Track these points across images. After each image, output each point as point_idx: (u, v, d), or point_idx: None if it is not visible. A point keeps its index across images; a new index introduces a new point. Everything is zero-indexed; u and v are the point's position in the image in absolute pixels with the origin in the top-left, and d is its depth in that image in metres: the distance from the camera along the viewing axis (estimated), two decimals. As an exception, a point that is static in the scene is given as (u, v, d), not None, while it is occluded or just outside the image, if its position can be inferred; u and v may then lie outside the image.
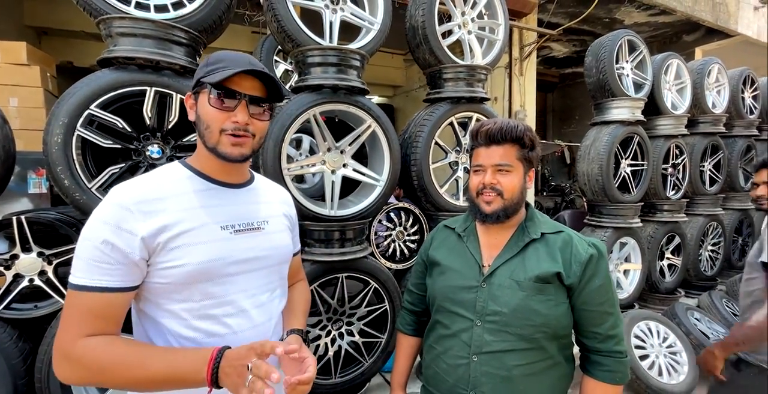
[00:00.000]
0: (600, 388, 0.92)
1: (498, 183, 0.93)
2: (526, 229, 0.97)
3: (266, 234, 0.86)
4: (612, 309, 0.92)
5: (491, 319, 0.91)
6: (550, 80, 8.29)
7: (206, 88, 0.76)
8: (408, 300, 1.19)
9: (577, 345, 0.99)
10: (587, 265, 0.90)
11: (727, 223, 3.88)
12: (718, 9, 5.36)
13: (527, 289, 0.90)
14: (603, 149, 2.91)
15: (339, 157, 1.95)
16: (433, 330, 1.03)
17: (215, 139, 0.77)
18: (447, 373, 0.95)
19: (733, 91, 3.81)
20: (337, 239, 1.92)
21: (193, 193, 0.79)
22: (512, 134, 0.93)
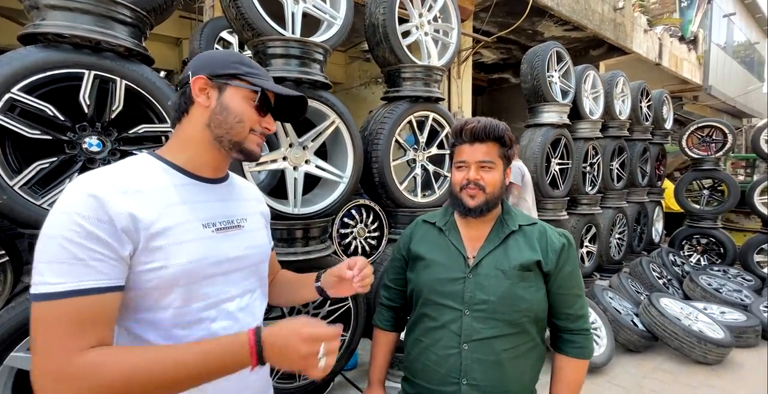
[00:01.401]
0: (572, 363, 1.02)
1: (481, 179, 0.98)
2: (504, 222, 1.04)
3: (246, 232, 0.83)
4: (581, 292, 1.03)
5: (479, 307, 0.96)
6: (480, 84, 8.84)
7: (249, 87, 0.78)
8: (385, 296, 1.19)
9: (549, 327, 1.08)
10: (561, 253, 0.99)
11: (630, 214, 4.52)
12: (618, 29, 6.19)
13: (512, 277, 0.96)
14: (537, 149, 3.21)
15: (302, 154, 1.89)
16: (420, 323, 1.05)
17: (244, 135, 0.78)
18: (437, 364, 0.98)
19: (633, 100, 4.45)
20: (300, 237, 1.87)
21: (173, 188, 0.73)
22: (495, 133, 0.98)
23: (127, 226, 0.64)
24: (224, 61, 0.78)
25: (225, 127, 0.75)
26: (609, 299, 3.32)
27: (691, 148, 5.20)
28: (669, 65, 7.67)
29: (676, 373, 2.69)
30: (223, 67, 0.77)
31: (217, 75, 0.76)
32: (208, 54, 0.81)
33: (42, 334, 0.58)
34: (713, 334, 2.84)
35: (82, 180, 0.65)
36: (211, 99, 0.76)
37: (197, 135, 0.76)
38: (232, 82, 0.76)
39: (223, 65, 0.77)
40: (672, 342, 2.80)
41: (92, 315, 0.60)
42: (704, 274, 4.08)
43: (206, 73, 0.76)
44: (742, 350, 3.00)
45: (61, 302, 0.58)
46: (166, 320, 0.69)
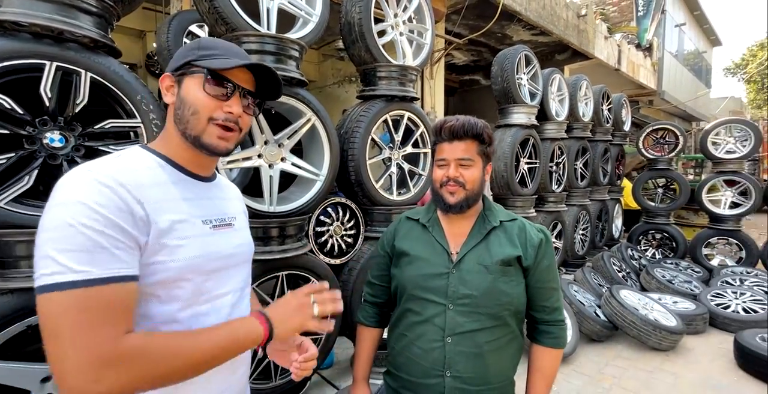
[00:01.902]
0: (548, 353, 1.07)
1: (461, 176, 1.01)
2: (486, 218, 1.07)
3: (237, 230, 0.84)
4: (557, 285, 1.08)
5: (462, 302, 0.99)
6: (452, 85, 9.00)
7: (199, 72, 0.71)
8: (370, 292, 1.20)
9: (527, 319, 1.12)
10: (539, 248, 1.03)
11: (593, 211, 4.76)
12: (581, 35, 6.49)
13: (494, 272, 0.99)
14: (507, 149, 3.32)
15: (277, 151, 1.88)
16: (404, 318, 1.07)
17: (201, 127, 0.72)
18: (421, 357, 1.00)
19: (596, 103, 4.68)
20: (277, 236, 1.85)
21: (171, 184, 0.72)
22: (473, 131, 1.01)
23: (143, 217, 0.63)
24: (184, 52, 0.74)
25: (183, 122, 0.72)
26: (574, 292, 3.48)
27: (647, 149, 5.54)
28: (627, 71, 8.12)
29: (634, 359, 2.87)
30: (182, 58, 0.73)
31: (177, 68, 0.73)
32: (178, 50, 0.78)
33: (71, 323, 0.55)
34: (667, 322, 3.05)
35: (89, 170, 0.63)
36: (174, 95, 0.74)
37: (172, 133, 0.75)
38: (187, 70, 0.72)
39: (183, 56, 0.73)
40: (630, 331, 2.98)
41: (122, 302, 0.59)
42: (659, 267, 4.37)
43: (170, 70, 0.74)
44: (692, 336, 3.24)
45: (91, 290, 0.56)
46: (166, 316, 0.69)
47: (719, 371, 2.70)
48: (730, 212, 4.80)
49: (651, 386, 2.51)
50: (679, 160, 9.69)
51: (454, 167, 1.02)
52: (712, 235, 4.86)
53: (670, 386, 2.51)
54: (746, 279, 4.04)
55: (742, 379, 2.59)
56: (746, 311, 3.41)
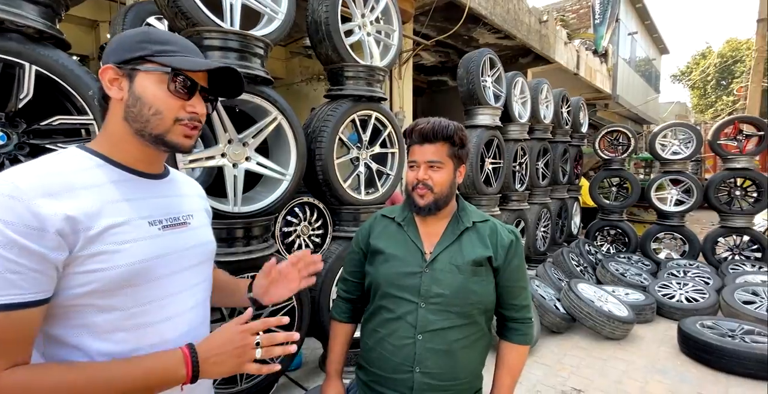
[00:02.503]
0: (515, 349, 1.11)
1: (429, 178, 1.03)
2: (459, 219, 1.10)
3: (193, 229, 0.81)
4: (525, 284, 1.13)
5: (434, 300, 1.01)
6: (420, 86, 9.11)
7: (158, 70, 0.69)
8: (343, 289, 1.21)
9: (496, 316, 1.16)
10: (509, 248, 1.07)
11: (553, 209, 4.99)
12: (543, 40, 6.77)
13: (465, 272, 1.02)
14: (473, 149, 3.41)
15: (242, 150, 1.84)
16: (377, 315, 1.08)
17: (165, 127, 0.70)
18: (392, 353, 1.02)
19: (556, 106, 4.90)
20: (241, 237, 1.81)
21: (111, 185, 0.68)
22: (443, 133, 1.03)
23: (63, 229, 0.59)
24: (130, 43, 0.69)
25: (142, 121, 0.69)
26: (536, 287, 3.64)
27: (603, 150, 5.86)
28: (585, 75, 8.55)
29: (590, 349, 3.04)
30: (129, 51, 0.69)
31: (125, 61, 0.69)
32: (118, 37, 0.71)
33: None
34: (620, 313, 3.25)
35: (1, 180, 0.58)
36: (123, 90, 0.69)
37: (120, 130, 0.71)
38: (141, 66, 0.68)
39: (130, 48, 0.69)
40: (587, 322, 3.16)
41: (12, 332, 0.55)
42: (613, 261, 4.64)
43: (114, 61, 0.69)
44: (642, 325, 3.47)
45: None
46: (108, 325, 0.65)
47: (665, 356, 2.91)
48: (675, 208, 5.17)
49: (605, 373, 2.68)
50: (631, 161, 10.33)
51: (423, 170, 1.04)
52: (660, 230, 5.23)
53: (622, 372, 2.68)
54: (689, 271, 4.38)
55: (685, 363, 2.81)
56: (689, 300, 3.70)
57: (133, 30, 0.72)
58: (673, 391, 2.45)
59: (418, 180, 1.04)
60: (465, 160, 1.09)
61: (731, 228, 4.84)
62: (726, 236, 4.92)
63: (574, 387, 2.50)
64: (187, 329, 0.76)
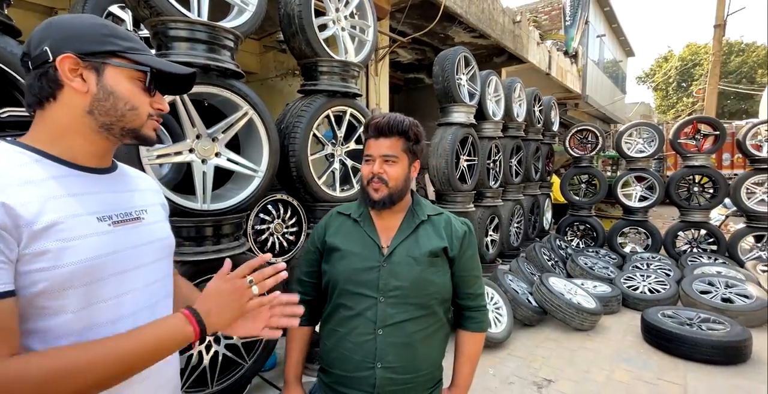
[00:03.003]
0: (472, 337, 1.15)
1: (384, 172, 1.04)
2: (415, 212, 1.11)
3: (147, 225, 0.78)
4: (479, 273, 1.16)
5: (393, 294, 1.02)
6: (397, 83, 9.11)
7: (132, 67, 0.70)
8: (299, 290, 1.18)
9: (453, 307, 1.19)
10: (463, 239, 1.10)
11: (526, 205, 5.11)
12: (516, 40, 6.90)
13: (422, 263, 1.04)
14: (448, 146, 3.45)
15: (211, 146, 1.78)
16: (335, 314, 1.07)
17: (141, 122, 0.72)
18: (353, 351, 1.01)
19: (528, 105, 5.02)
20: (211, 235, 1.76)
21: (53, 180, 0.64)
22: (398, 128, 1.04)
23: (5, 223, 0.56)
24: (94, 35, 0.67)
25: (114, 115, 0.68)
26: (509, 282, 3.72)
27: (573, 148, 6.06)
28: (556, 75, 8.80)
29: (561, 340, 3.15)
30: (96, 43, 0.67)
31: (91, 53, 0.66)
32: (65, 22, 0.67)
33: None
34: (588, 305, 3.37)
35: None
36: (88, 83, 0.66)
37: (74, 123, 0.67)
38: (111, 60, 0.67)
39: (95, 40, 0.67)
40: (557, 314, 3.26)
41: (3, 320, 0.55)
42: (582, 255, 4.81)
43: (74, 51, 0.65)
44: (609, 315, 3.62)
45: None
46: (59, 328, 0.62)
47: (629, 345, 3.05)
48: (640, 204, 5.42)
49: (574, 362, 2.77)
50: (599, 159, 10.73)
51: (379, 164, 1.04)
52: (625, 225, 5.46)
53: (590, 361, 2.79)
54: (652, 263, 4.60)
55: (648, 351, 2.95)
56: (651, 292, 3.89)
57: (87, 19, 0.68)
58: (637, 378, 2.57)
59: (373, 174, 1.04)
60: (419, 156, 1.10)
61: (690, 222, 5.12)
62: (685, 230, 5.19)
63: (545, 377, 2.58)
64: None
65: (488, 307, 3.16)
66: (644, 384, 2.49)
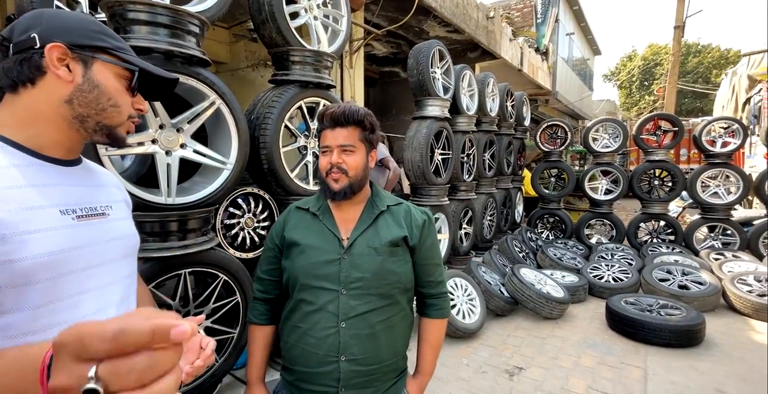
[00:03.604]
0: (434, 324, 1.16)
1: (343, 162, 1.02)
2: (374, 203, 1.11)
3: (112, 221, 0.75)
4: (439, 261, 1.17)
5: (355, 285, 1.01)
6: (372, 76, 9.04)
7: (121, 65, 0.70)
8: (260, 289, 1.16)
9: (415, 295, 1.19)
10: (423, 228, 1.11)
11: (498, 199, 5.22)
12: (489, 36, 6.98)
13: (383, 253, 1.03)
14: (423, 140, 3.45)
15: (175, 137, 1.69)
16: (296, 310, 1.05)
17: (120, 120, 0.71)
18: (316, 346, 1.00)
19: (501, 100, 5.10)
20: (176, 230, 1.68)
21: (14, 169, 0.61)
22: (354, 117, 1.03)
23: None
24: (84, 29, 0.68)
25: (95, 108, 0.68)
26: (482, 273, 3.80)
27: (543, 142, 6.22)
28: (528, 72, 8.98)
29: (531, 329, 3.25)
30: (86, 37, 0.68)
31: (80, 45, 0.67)
32: (56, 15, 0.67)
33: None
34: (557, 294, 3.49)
35: None
36: (74, 73, 0.66)
37: (48, 111, 0.65)
38: (100, 56, 0.68)
39: (87, 35, 0.68)
40: (528, 304, 3.36)
41: None
42: (551, 246, 4.97)
43: (64, 41, 0.65)
44: (576, 304, 3.77)
45: None
46: (14, 329, 0.57)
47: (595, 332, 3.19)
48: (605, 197, 5.65)
49: (544, 350, 2.87)
50: (568, 153, 11.10)
51: (337, 154, 1.02)
52: (592, 217, 5.68)
53: (559, 349, 2.90)
54: (616, 253, 4.81)
55: (612, 337, 3.09)
56: (615, 280, 4.07)
57: (79, 15, 0.71)
58: (602, 362, 2.69)
59: (332, 164, 1.02)
60: (375, 145, 1.10)
61: (650, 214, 5.38)
62: (646, 221, 5.46)
63: (516, 365, 2.66)
64: None
65: (462, 298, 3.27)
66: (608, 368, 2.61)
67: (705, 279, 3.74)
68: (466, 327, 3.08)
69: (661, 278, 3.88)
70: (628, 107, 28.42)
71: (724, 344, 2.94)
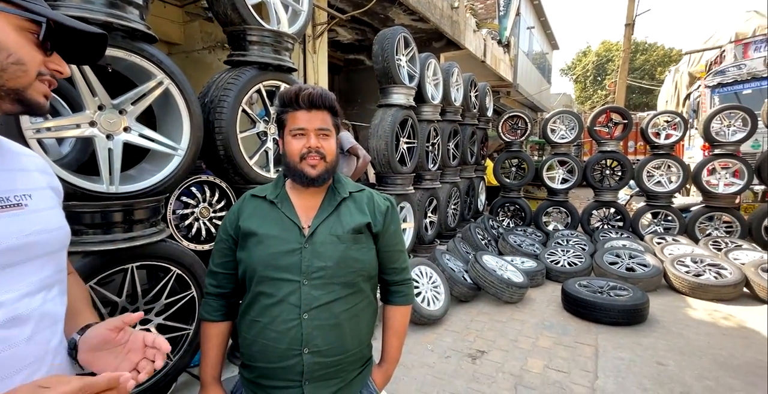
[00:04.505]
0: (399, 311, 1.15)
1: (321, 147, 0.97)
2: (336, 190, 1.06)
3: (32, 213, 0.64)
4: (403, 248, 1.16)
5: (317, 275, 0.96)
6: (337, 63, 8.83)
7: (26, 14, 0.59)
8: (213, 284, 1.09)
9: (379, 283, 1.17)
10: (386, 214, 1.08)
11: (462, 188, 5.31)
12: (454, 26, 7.00)
13: (346, 241, 1.00)
14: (388, 128, 3.41)
15: (117, 119, 1.54)
16: (255, 303, 1.00)
17: (28, 80, 0.60)
18: (277, 340, 0.95)
19: (465, 90, 5.14)
20: (120, 221, 1.55)
21: None
22: (329, 101, 0.99)
23: None
24: None
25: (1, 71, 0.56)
26: (446, 261, 3.87)
27: (505, 133, 6.38)
28: (491, 64, 9.14)
29: (492, 313, 3.35)
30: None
31: None
32: None
33: None
34: (517, 279, 3.63)
35: None
36: None
37: None
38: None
39: None
40: (490, 289, 3.46)
41: None
42: (512, 234, 5.15)
43: None
44: (534, 288, 3.94)
45: None
46: None
47: (551, 314, 3.35)
48: (562, 186, 5.91)
49: (505, 333, 2.98)
50: (528, 144, 11.50)
51: (315, 138, 0.97)
52: (549, 205, 5.94)
53: (518, 331, 3.01)
54: (571, 240, 5.06)
55: (567, 318, 3.26)
56: (570, 265, 4.29)
57: None
58: (558, 343, 2.83)
59: (310, 148, 0.97)
60: (339, 131, 1.07)
61: (602, 202, 5.70)
62: (598, 208, 5.79)
63: (479, 349, 2.73)
64: (27, 336, 0.60)
65: (427, 286, 3.31)
66: (564, 348, 2.75)
67: (649, 262, 4.03)
68: (431, 314, 3.12)
69: (611, 261, 4.13)
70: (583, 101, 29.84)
71: (665, 320, 3.18)
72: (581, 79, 30.36)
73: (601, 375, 2.40)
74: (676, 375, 2.40)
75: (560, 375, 2.41)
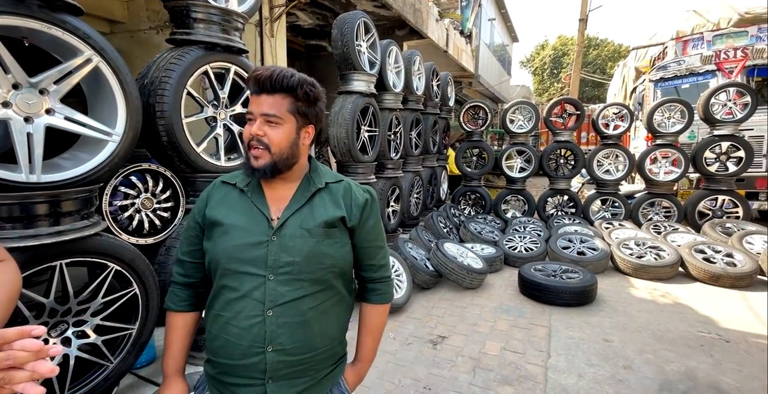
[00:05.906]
0: (376, 310, 1.10)
1: (265, 135, 0.89)
2: (311, 180, 0.99)
3: None
4: (382, 243, 1.10)
5: (284, 270, 0.91)
6: (298, 49, 8.53)
7: None
8: (180, 273, 1.03)
9: (356, 278, 1.12)
10: (364, 208, 1.01)
11: (425, 177, 5.35)
12: (417, 14, 6.94)
13: (317, 235, 0.93)
14: (348, 116, 3.34)
15: (38, 99, 1.37)
16: (219, 297, 0.94)
17: None
18: (239, 337, 0.90)
19: (427, 79, 5.13)
20: (45, 214, 1.40)
21: None
22: (283, 84, 0.88)
23: None
24: None
25: None
26: (409, 249, 3.89)
27: (466, 123, 6.48)
28: (453, 54, 9.19)
29: (453, 299, 3.43)
30: None
31: None
32: None
33: None
34: (477, 265, 3.72)
35: None
36: None
37: None
38: None
39: None
40: (451, 276, 3.53)
41: None
42: (473, 221, 5.28)
43: None
44: (493, 274, 4.07)
45: None
46: None
47: (508, 298, 3.47)
48: (520, 175, 6.11)
49: (465, 318, 3.05)
50: (488, 134, 11.79)
51: (259, 124, 0.89)
52: (508, 194, 6.14)
53: (477, 316, 3.10)
54: (527, 226, 5.27)
55: (523, 301, 3.39)
56: (526, 250, 4.47)
57: None
58: (514, 325, 2.94)
59: (252, 135, 0.90)
60: (314, 121, 0.96)
61: (556, 190, 5.97)
62: (553, 196, 6.05)
63: (439, 335, 2.79)
64: None
65: (389, 275, 3.31)
66: (519, 330, 2.87)
67: (597, 245, 4.27)
68: (393, 302, 3.10)
69: (564, 246, 4.34)
70: (540, 93, 30.96)
71: (611, 300, 3.40)
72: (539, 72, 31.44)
73: (553, 354, 2.52)
74: (620, 350, 2.56)
75: (516, 356, 2.50)
